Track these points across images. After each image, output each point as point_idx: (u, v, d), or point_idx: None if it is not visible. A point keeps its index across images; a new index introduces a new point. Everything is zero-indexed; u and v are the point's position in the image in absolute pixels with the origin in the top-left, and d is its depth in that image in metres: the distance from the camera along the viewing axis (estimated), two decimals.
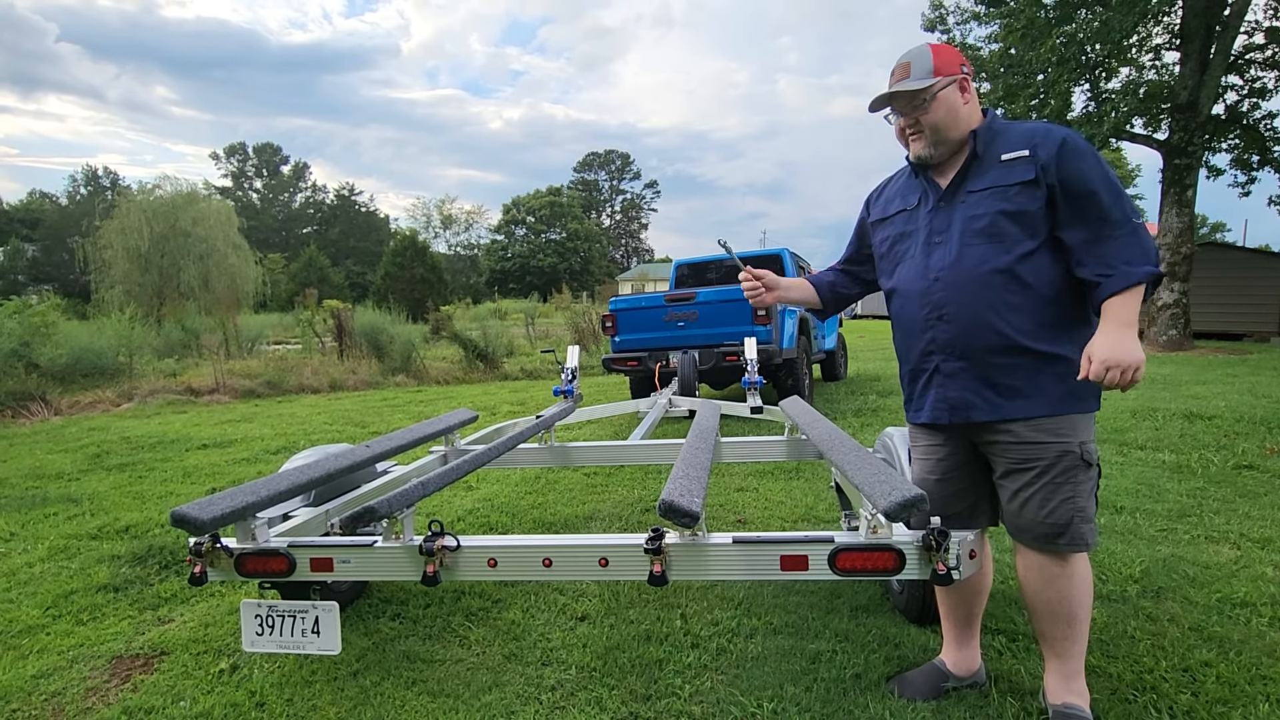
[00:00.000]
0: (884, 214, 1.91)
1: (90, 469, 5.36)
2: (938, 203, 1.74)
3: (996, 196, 1.64)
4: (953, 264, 1.68)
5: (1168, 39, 15.63)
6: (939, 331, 1.72)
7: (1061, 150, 1.58)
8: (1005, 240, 1.63)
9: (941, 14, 17.70)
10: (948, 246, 1.70)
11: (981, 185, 1.66)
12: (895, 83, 1.71)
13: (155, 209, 23.59)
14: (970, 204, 1.68)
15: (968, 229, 1.67)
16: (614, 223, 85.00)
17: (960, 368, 1.70)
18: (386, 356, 12.36)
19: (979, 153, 1.68)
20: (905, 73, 1.69)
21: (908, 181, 1.87)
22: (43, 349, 9.71)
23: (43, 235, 52.34)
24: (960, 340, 1.68)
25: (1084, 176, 1.56)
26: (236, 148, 74.02)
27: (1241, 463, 4.21)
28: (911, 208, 1.81)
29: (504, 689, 2.03)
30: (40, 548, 3.44)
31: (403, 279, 37.53)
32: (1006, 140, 1.67)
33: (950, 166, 1.74)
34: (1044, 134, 1.63)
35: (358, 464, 2.36)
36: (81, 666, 2.27)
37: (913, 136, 1.74)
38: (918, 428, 1.88)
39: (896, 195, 1.89)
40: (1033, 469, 1.64)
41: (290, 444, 6.16)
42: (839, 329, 9.97)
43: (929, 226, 1.75)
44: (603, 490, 4.24)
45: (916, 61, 1.69)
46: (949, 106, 1.68)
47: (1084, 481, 1.63)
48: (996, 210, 1.63)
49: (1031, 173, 1.60)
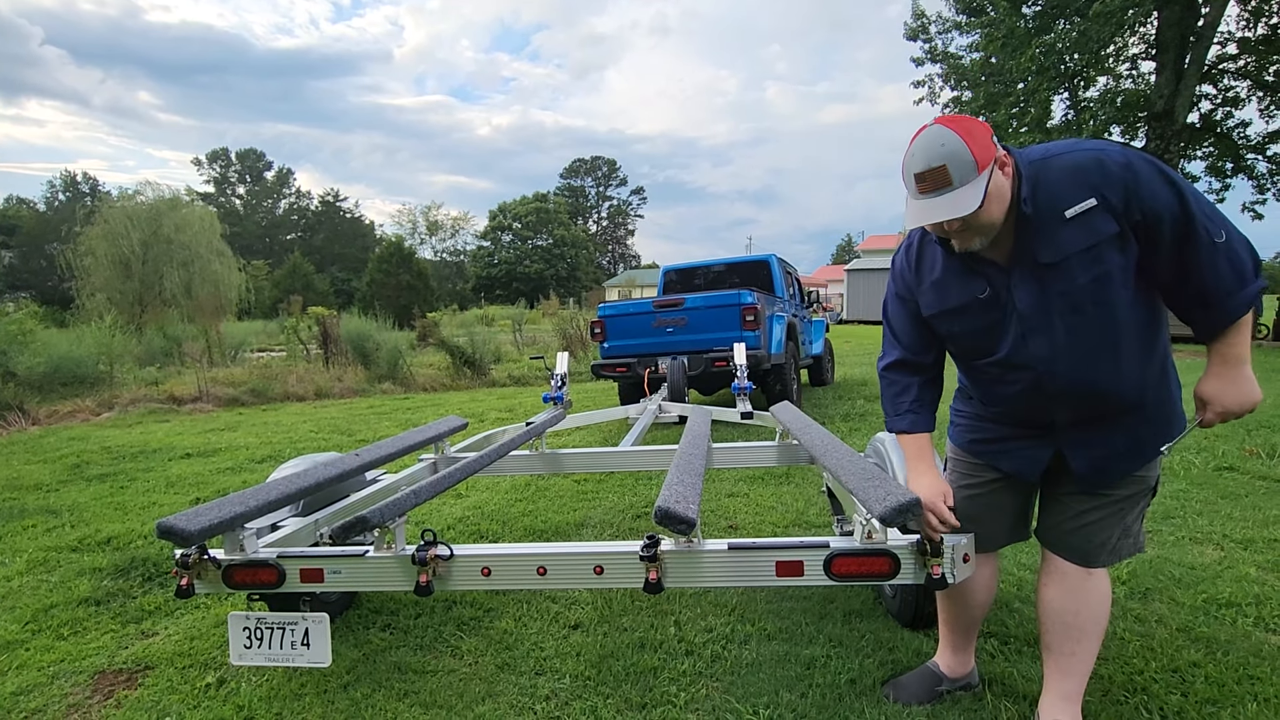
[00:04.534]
0: (944, 305, 1.60)
1: (70, 479, 5.26)
2: (1012, 284, 1.48)
3: (1084, 262, 1.39)
4: (1059, 352, 1.46)
5: (1144, 49, 15.98)
6: (1059, 416, 1.54)
7: (1130, 184, 1.35)
8: (1110, 307, 1.41)
9: (923, 23, 17.96)
10: (1047, 333, 1.46)
11: (1060, 254, 1.40)
12: (934, 193, 1.36)
13: (137, 215, 23.29)
14: (1055, 278, 1.42)
15: (1063, 307, 1.43)
16: (601, 229, 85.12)
17: (1083, 438, 1.54)
18: (373, 364, 12.25)
19: (1028, 213, 1.41)
20: (944, 178, 1.35)
21: (950, 262, 1.56)
22: (20, 357, 9.52)
23: (20, 242, 51.44)
24: (1084, 417, 1.52)
25: (1158, 206, 1.35)
26: (219, 153, 73.32)
27: (1222, 464, 4.28)
28: (983, 296, 1.52)
29: (498, 699, 2.01)
30: (18, 561, 3.36)
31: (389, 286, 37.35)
32: (1050, 186, 1.40)
33: (999, 239, 1.46)
34: (1098, 169, 1.37)
35: (347, 473, 2.34)
36: (63, 682, 2.21)
37: (958, 238, 1.45)
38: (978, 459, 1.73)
39: (951, 279, 1.57)
40: (1107, 499, 1.58)
41: (276, 453, 6.08)
42: (825, 334, 10.04)
43: (1015, 314, 1.49)
44: (593, 497, 4.22)
45: (953, 162, 1.33)
46: (999, 196, 1.39)
47: (1142, 505, 1.61)
48: (1090, 279, 1.39)
49: (1113, 224, 1.36)
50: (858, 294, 34.23)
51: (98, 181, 62.76)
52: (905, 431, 1.75)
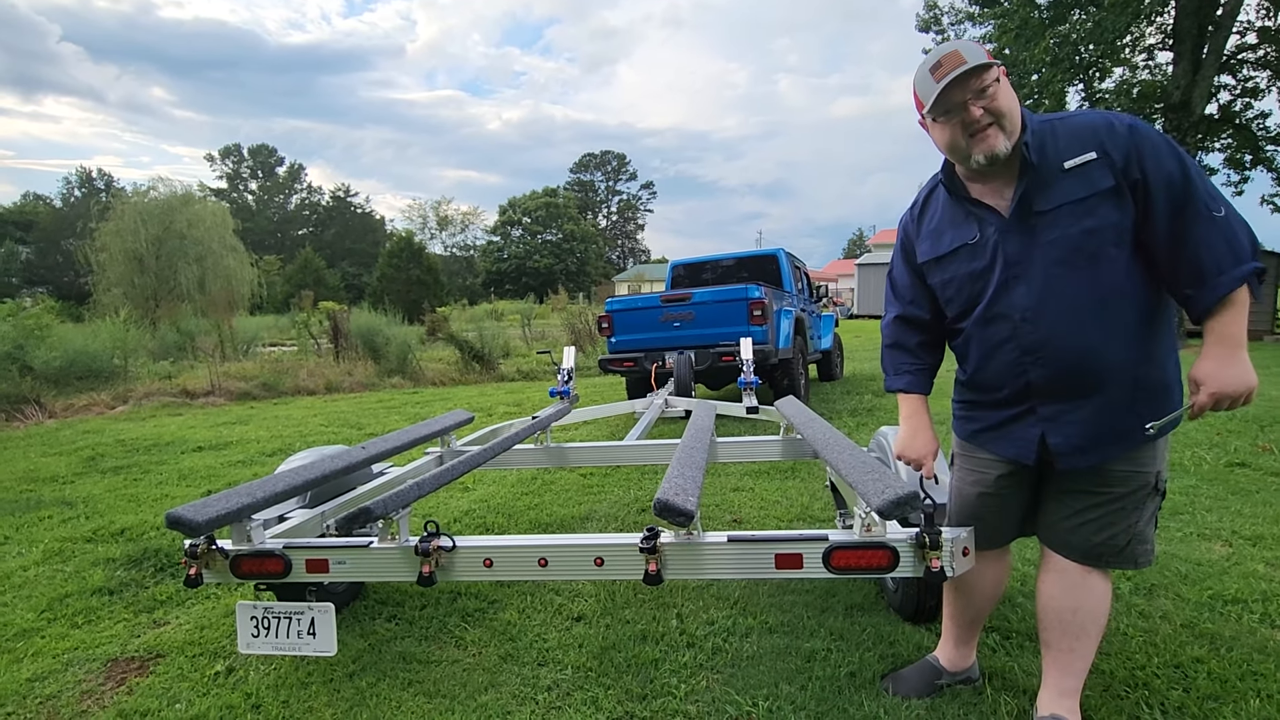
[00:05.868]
0: (937, 252, 1.64)
1: (85, 472, 5.35)
2: (1003, 231, 1.50)
3: (1077, 213, 1.41)
4: (1040, 300, 1.47)
5: (1161, 39, 15.72)
6: (1035, 376, 1.52)
7: (1133, 144, 1.38)
8: (1097, 262, 1.41)
9: (936, 14, 17.76)
10: (1029, 281, 1.48)
11: (1053, 203, 1.43)
12: (950, 72, 1.40)
13: (150, 211, 23.57)
14: (1045, 226, 1.44)
15: (1050, 257, 1.45)
16: (610, 224, 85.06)
17: (1061, 410, 1.52)
18: (382, 358, 12.34)
19: (1033, 161, 1.45)
20: (958, 59, 1.41)
21: (952, 209, 1.61)
22: (37, 352, 9.66)
23: (37, 238, 52.17)
24: (1062, 383, 1.50)
25: (1161, 169, 1.37)
26: (231, 149, 73.90)
27: (1234, 460, 4.24)
28: (973, 242, 1.55)
29: (500, 689, 2.03)
30: (35, 551, 3.43)
31: (399, 280, 37.54)
32: (1060, 141, 1.44)
33: (1000, 184, 1.51)
34: (1106, 128, 1.41)
35: (353, 465, 2.36)
36: (76, 670, 2.26)
37: (981, 134, 1.44)
38: (982, 450, 1.71)
39: (946, 227, 1.62)
40: (1104, 495, 1.54)
41: (286, 446, 6.15)
42: (835, 329, 10.00)
43: (1001, 259, 1.51)
44: (599, 491, 4.24)
45: (965, 49, 1.42)
46: (1009, 93, 1.44)
47: (1149, 508, 1.56)
48: (1081, 230, 1.41)
49: (1110, 178, 1.39)
50: (868, 288, 34.00)
51: (112, 177, 63.68)
52: (902, 390, 1.80)
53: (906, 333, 1.79)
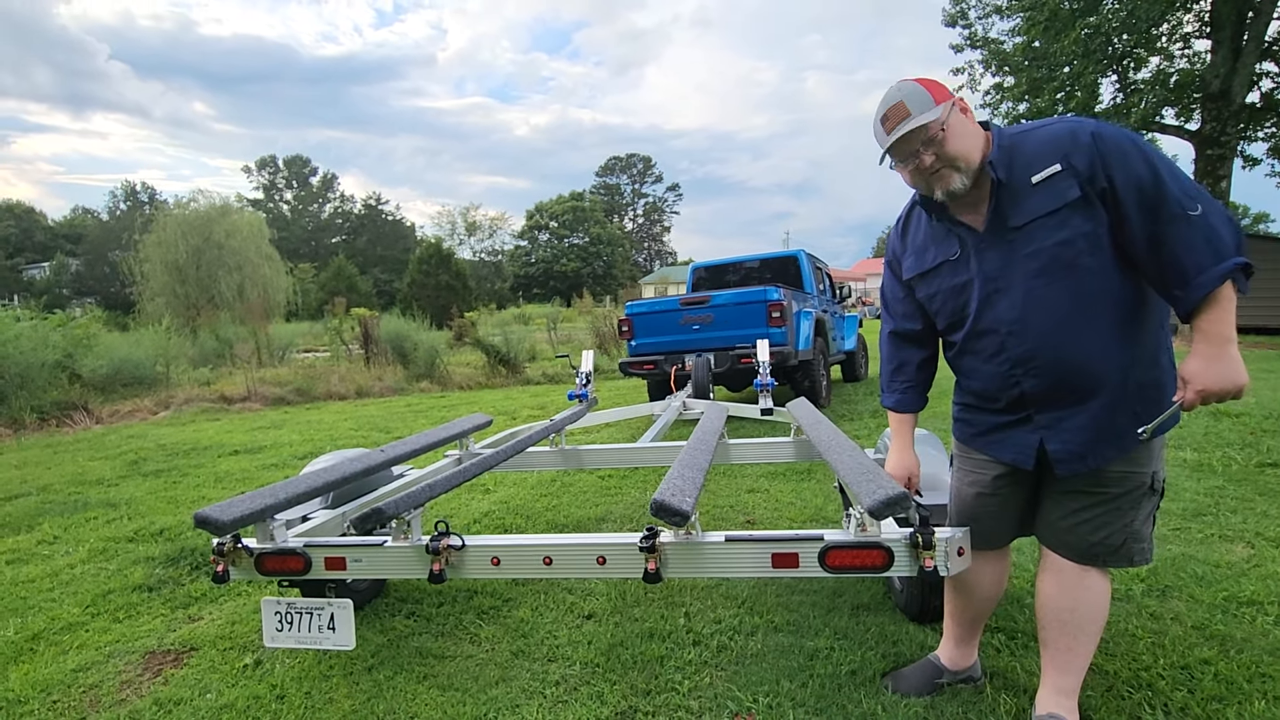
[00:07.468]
0: (921, 267, 1.70)
1: (128, 475, 5.60)
2: (979, 247, 1.55)
3: (1049, 226, 1.45)
4: (1023, 313, 1.51)
5: (1198, 27, 15.24)
6: (1028, 386, 1.55)
7: (1098, 152, 1.40)
8: (1075, 272, 1.45)
9: (963, 9, 17.49)
10: (1010, 295, 1.52)
11: (1026, 217, 1.47)
12: (896, 126, 1.49)
13: (190, 223, 24.39)
14: (1022, 240, 1.49)
15: (1029, 270, 1.48)
16: (636, 226, 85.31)
17: (1058, 418, 1.54)
18: (411, 363, 12.61)
19: (1002, 178, 1.49)
20: (903, 111, 1.48)
21: (933, 227, 1.67)
22: (85, 360, 10.11)
23: (85, 250, 54.31)
24: (1055, 392, 1.52)
25: (1129, 175, 1.38)
26: (267, 160, 75.93)
27: (1266, 461, 4.12)
28: (954, 257, 1.61)
29: (510, 684, 2.11)
30: (81, 550, 3.63)
31: (428, 286, 38.14)
32: (1026, 155, 1.48)
33: (975, 203, 1.56)
34: (1069, 137, 1.44)
35: (372, 467, 2.46)
36: (117, 661, 2.40)
37: (936, 176, 1.52)
38: (980, 452, 1.74)
39: (929, 243, 1.68)
40: (1100, 495, 1.56)
41: (317, 449, 6.35)
42: (859, 329, 9.93)
43: (980, 275, 1.56)
44: (616, 493, 4.31)
45: (910, 98, 1.48)
46: (962, 131, 1.49)
47: (1146, 507, 1.58)
48: (1055, 242, 1.44)
49: (1076, 189, 1.42)
50: None
51: (156, 191, 65.88)
52: (891, 409, 1.91)
53: (902, 348, 1.87)
